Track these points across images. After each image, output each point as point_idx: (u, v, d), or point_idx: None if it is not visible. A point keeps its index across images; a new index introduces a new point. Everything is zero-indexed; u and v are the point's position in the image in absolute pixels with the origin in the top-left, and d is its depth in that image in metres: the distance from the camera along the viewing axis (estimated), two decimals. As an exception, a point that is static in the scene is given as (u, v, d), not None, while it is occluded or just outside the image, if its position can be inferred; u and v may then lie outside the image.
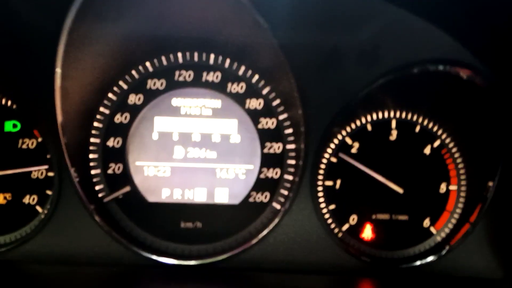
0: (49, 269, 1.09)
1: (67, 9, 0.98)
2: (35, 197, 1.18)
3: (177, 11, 1.07)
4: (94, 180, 1.18)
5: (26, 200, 1.18)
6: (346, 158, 1.17)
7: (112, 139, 1.19)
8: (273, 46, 1.02)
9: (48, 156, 1.17)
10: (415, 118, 1.17)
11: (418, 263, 1.16)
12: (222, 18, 1.08)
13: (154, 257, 1.14)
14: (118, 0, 1.03)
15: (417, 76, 1.04)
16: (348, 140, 1.18)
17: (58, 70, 1.04)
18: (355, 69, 1.02)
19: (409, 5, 0.98)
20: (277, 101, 1.19)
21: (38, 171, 1.17)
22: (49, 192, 1.17)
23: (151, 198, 1.21)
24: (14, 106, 1.17)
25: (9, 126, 1.18)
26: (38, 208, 1.17)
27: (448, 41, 1.02)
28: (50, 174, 1.17)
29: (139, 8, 1.06)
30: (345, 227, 1.20)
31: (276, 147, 1.21)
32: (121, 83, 1.18)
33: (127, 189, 1.18)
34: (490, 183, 1.13)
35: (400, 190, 1.18)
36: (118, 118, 1.19)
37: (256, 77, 1.19)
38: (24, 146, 1.18)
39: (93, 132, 1.18)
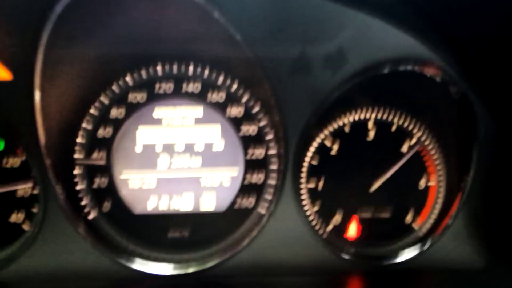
0: (38, 286, 1.09)
1: (40, 31, 1.00)
2: (22, 215, 1.18)
3: (150, 27, 1.10)
4: (80, 195, 1.19)
5: (13, 218, 1.18)
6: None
7: (96, 153, 1.20)
8: (247, 56, 1.06)
9: (33, 173, 1.17)
10: (390, 117, 1.20)
11: (401, 258, 1.19)
12: (196, 32, 1.10)
13: (143, 268, 1.15)
14: (90, 19, 1.05)
15: (388, 76, 1.08)
16: (328, 142, 1.21)
17: (37, 90, 1.05)
18: (323, 73, 1.06)
19: (374, 12, 1.02)
20: (256, 108, 1.22)
21: (23, 189, 1.18)
22: (35, 210, 1.17)
23: (137, 210, 1.22)
24: (-3, 126, 1.18)
25: (-8, 145, 1.19)
26: (25, 226, 1.18)
27: (413, 42, 1.05)
28: (36, 191, 1.18)
29: (111, 26, 1.08)
30: (330, 227, 1.22)
31: (258, 153, 1.23)
32: (102, 97, 1.19)
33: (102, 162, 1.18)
34: (466, 176, 1.17)
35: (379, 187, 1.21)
36: (101, 133, 1.20)
37: (235, 85, 1.21)
38: (8, 165, 1.18)
39: (77, 148, 1.19)
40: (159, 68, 1.20)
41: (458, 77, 1.07)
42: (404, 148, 1.22)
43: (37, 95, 1.05)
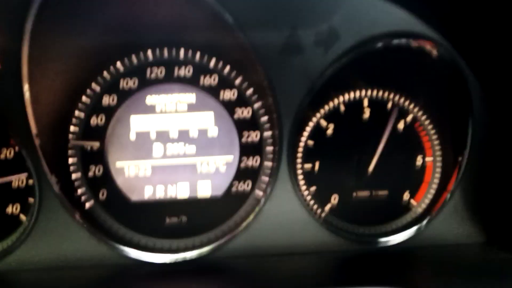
0: (37, 276, 1.10)
1: (24, 18, 0.98)
2: (18, 206, 1.17)
3: (140, 12, 1.08)
4: (75, 184, 1.18)
5: (9, 209, 1.17)
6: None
7: (89, 142, 1.19)
8: (239, 40, 1.05)
9: (27, 164, 1.16)
10: (386, 95, 1.19)
11: (400, 237, 1.19)
12: (187, 17, 1.09)
13: (142, 255, 1.15)
14: (77, 6, 1.03)
15: (381, 53, 1.07)
16: (323, 123, 1.20)
17: (26, 81, 1.04)
18: (315, 52, 1.05)
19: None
20: (250, 91, 1.20)
21: (18, 180, 1.17)
22: (31, 200, 1.17)
23: (134, 197, 1.21)
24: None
25: (-15, 137, 1.18)
26: (22, 217, 1.17)
27: (405, 16, 1.04)
28: (31, 181, 1.17)
29: (99, 14, 1.07)
30: (327, 207, 1.22)
31: (253, 136, 1.22)
32: (93, 85, 1.18)
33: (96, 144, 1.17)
34: (463, 152, 1.17)
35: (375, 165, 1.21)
36: (94, 121, 1.19)
37: (228, 68, 1.20)
38: (3, 156, 1.18)
39: (70, 136, 1.18)
40: (149, 53, 1.18)
41: (451, 49, 1.06)
42: (401, 125, 1.21)
43: (26, 85, 1.05)
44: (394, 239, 1.19)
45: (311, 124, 1.20)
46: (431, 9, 1.03)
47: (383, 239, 1.20)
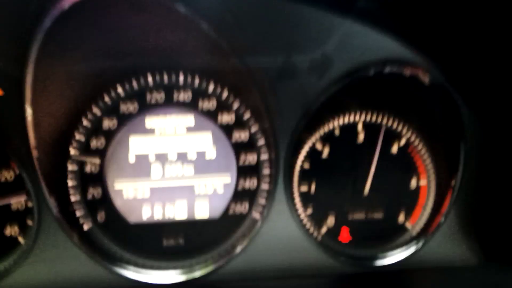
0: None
1: (28, 48, 1.01)
2: (17, 228, 1.18)
3: (138, 38, 1.11)
4: (74, 206, 1.19)
5: (8, 231, 1.18)
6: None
7: (89, 164, 1.21)
8: (234, 65, 1.08)
9: (27, 187, 1.17)
10: (379, 119, 1.22)
11: (396, 258, 1.20)
12: (184, 42, 1.12)
13: (139, 277, 1.15)
14: (79, 32, 1.06)
15: (373, 78, 1.10)
16: (318, 146, 1.23)
17: (28, 105, 1.06)
18: (309, 77, 1.08)
19: (359, 18, 1.05)
20: (247, 114, 1.23)
21: (17, 202, 1.18)
22: (30, 222, 1.18)
23: (132, 219, 1.22)
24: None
25: (-15, 160, 1.19)
26: (20, 239, 1.18)
27: (398, 45, 1.08)
28: (30, 204, 1.18)
29: (100, 39, 1.09)
30: (323, 230, 1.23)
31: (250, 158, 1.24)
32: (94, 108, 1.21)
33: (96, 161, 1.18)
34: (456, 175, 1.19)
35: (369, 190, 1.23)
36: (93, 143, 1.21)
37: (226, 92, 1.23)
38: (3, 179, 1.19)
39: (70, 160, 1.20)
40: (149, 78, 1.21)
41: (441, 76, 1.10)
42: (394, 149, 1.24)
43: (29, 109, 1.07)
44: (390, 260, 1.20)
45: (306, 146, 1.22)
46: (421, 38, 1.07)
47: (379, 261, 1.20)
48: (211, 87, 1.23)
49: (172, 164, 1.24)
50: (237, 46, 1.06)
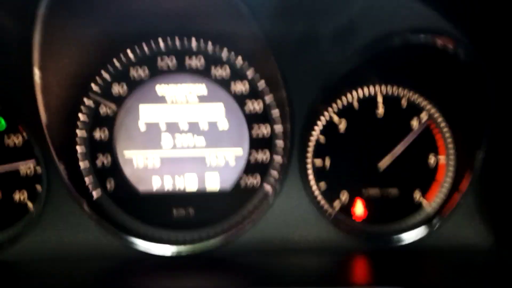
0: (44, 266, 1.09)
1: (37, 5, 0.97)
2: (25, 193, 1.17)
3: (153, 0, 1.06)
4: (83, 173, 1.18)
5: (17, 197, 1.17)
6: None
7: (98, 130, 1.18)
8: (253, 32, 1.02)
9: (36, 152, 1.16)
10: (400, 92, 1.17)
11: (411, 237, 1.17)
12: (202, 5, 1.07)
13: (149, 246, 1.14)
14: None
15: (399, 50, 1.04)
16: (335, 119, 1.18)
17: (36, 67, 1.03)
18: (332, 46, 1.02)
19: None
20: (262, 84, 1.19)
21: (26, 167, 1.17)
22: (39, 188, 1.16)
23: (142, 188, 1.21)
24: (-2, 104, 1.16)
25: (-6, 124, 1.17)
26: (29, 205, 1.17)
27: (427, 12, 1.01)
28: (39, 169, 1.16)
29: (110, 1, 1.04)
30: (337, 205, 1.21)
31: (264, 130, 1.20)
32: (103, 73, 1.17)
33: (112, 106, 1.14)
34: (478, 152, 1.14)
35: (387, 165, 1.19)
36: (103, 109, 1.18)
37: (240, 60, 1.18)
38: (11, 143, 1.17)
39: (79, 125, 1.17)
40: (161, 43, 1.17)
41: (473, 49, 1.03)
42: (414, 124, 1.19)
43: (37, 72, 1.03)
44: (405, 238, 1.17)
45: (323, 119, 1.18)
46: (455, 5, 1.00)
47: (393, 238, 1.18)
48: (224, 54, 1.18)
49: (183, 134, 1.21)
50: (255, 9, 0.99)
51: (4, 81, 1.05)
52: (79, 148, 1.18)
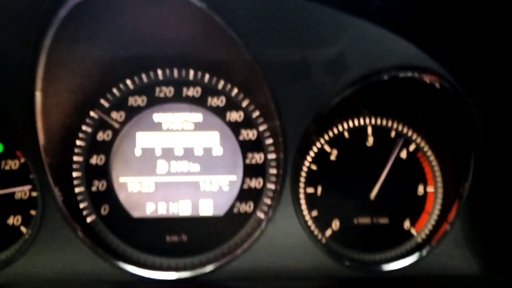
0: (35, 289, 1.09)
1: (43, 34, 1.01)
2: (19, 217, 1.17)
3: (152, 30, 1.11)
4: (78, 198, 1.18)
5: (10, 221, 1.17)
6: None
7: (95, 156, 1.20)
8: (247, 61, 1.07)
9: (32, 176, 1.17)
10: (389, 123, 1.21)
11: (400, 265, 1.19)
12: (197, 36, 1.12)
13: (141, 272, 1.14)
14: (93, 23, 1.06)
15: (387, 84, 1.09)
16: (327, 148, 1.22)
17: (38, 92, 1.06)
18: (324, 79, 1.07)
19: (374, 18, 1.04)
20: (256, 113, 1.23)
21: (21, 192, 1.18)
22: (33, 212, 1.17)
23: (136, 213, 1.21)
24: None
25: (-8, 148, 1.19)
26: (23, 229, 1.17)
27: (412, 50, 1.07)
28: (34, 194, 1.17)
29: (114, 30, 1.09)
30: (328, 232, 1.22)
31: (257, 158, 1.23)
32: (102, 101, 1.20)
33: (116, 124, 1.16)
34: (465, 183, 1.18)
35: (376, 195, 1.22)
36: (100, 136, 1.20)
37: (235, 90, 1.22)
38: (7, 168, 1.18)
39: (76, 150, 1.19)
40: (159, 72, 1.21)
41: (457, 84, 1.09)
42: (403, 154, 1.23)
43: (38, 97, 1.06)
44: (394, 266, 1.19)
45: (315, 148, 1.21)
46: (437, 44, 1.06)
47: (383, 266, 1.19)
48: (221, 84, 1.22)
49: (178, 159, 1.23)
50: (250, 40, 1.04)
51: (4, 104, 1.08)
52: (75, 173, 1.19)
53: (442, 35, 1.04)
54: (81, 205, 1.19)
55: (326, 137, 1.20)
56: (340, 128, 1.20)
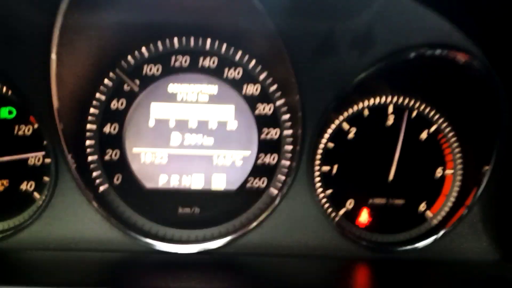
0: (47, 256, 1.10)
1: (59, 2, 0.98)
2: (32, 183, 1.17)
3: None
4: (91, 166, 1.18)
5: (23, 187, 1.17)
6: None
7: (108, 125, 1.18)
8: (269, 31, 1.02)
9: (45, 143, 1.16)
10: (411, 103, 1.17)
11: (413, 247, 1.17)
12: (219, 3, 1.07)
13: (152, 242, 1.14)
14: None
15: (413, 61, 1.05)
16: (345, 126, 1.19)
17: (53, 56, 1.04)
18: (350, 54, 1.03)
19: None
20: (274, 87, 1.19)
21: (35, 158, 1.17)
22: (46, 179, 1.17)
23: (148, 184, 1.21)
24: (10, 93, 1.16)
25: (4, 112, 1.17)
26: (36, 195, 1.17)
27: (443, 26, 1.02)
28: (47, 160, 1.17)
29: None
30: (342, 211, 1.21)
31: (273, 133, 1.21)
32: (117, 69, 1.17)
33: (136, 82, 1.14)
34: (486, 167, 1.15)
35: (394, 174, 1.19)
36: (114, 104, 1.18)
37: (253, 62, 1.19)
38: (20, 133, 1.17)
39: (90, 118, 1.17)
40: (175, 40, 1.17)
41: (487, 63, 1.04)
42: (423, 135, 1.19)
43: (53, 61, 1.04)
44: (408, 249, 1.17)
45: (333, 126, 1.18)
46: (471, 19, 1.00)
47: (396, 248, 1.18)
48: (238, 56, 1.18)
49: (192, 132, 1.21)
50: (275, 10, 0.99)
51: (19, 69, 1.06)
52: (89, 141, 1.18)
53: (477, 10, 0.98)
54: (94, 174, 1.18)
55: (345, 115, 1.17)
56: (360, 105, 1.17)
